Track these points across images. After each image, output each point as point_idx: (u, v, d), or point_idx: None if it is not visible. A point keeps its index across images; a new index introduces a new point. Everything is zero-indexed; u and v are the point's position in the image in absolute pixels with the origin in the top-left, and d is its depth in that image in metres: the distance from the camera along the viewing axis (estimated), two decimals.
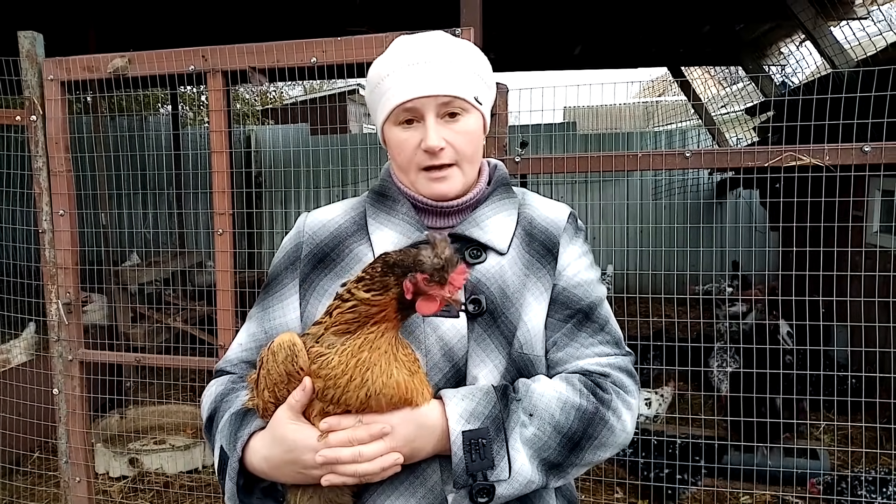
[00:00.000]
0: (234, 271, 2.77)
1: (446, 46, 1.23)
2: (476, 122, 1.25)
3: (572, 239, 1.31)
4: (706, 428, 4.24)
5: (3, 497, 3.81)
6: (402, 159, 1.24)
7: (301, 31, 2.79)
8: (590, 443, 1.14)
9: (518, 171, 2.45)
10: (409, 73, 1.19)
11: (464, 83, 1.21)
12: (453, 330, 1.17)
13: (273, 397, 1.09)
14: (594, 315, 1.26)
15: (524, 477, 1.09)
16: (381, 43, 2.43)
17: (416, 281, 1.01)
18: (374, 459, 1.03)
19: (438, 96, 1.19)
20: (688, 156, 2.35)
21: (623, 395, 1.19)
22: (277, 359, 1.06)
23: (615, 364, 1.22)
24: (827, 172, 2.29)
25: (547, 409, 1.12)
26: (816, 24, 4.66)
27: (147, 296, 6.02)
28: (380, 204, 1.32)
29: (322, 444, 1.03)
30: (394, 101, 1.20)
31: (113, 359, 3.08)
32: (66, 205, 2.85)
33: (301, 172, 8.10)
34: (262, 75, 2.63)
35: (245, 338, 1.33)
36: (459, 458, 1.06)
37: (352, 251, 1.28)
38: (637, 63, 7.81)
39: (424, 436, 1.07)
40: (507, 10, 5.17)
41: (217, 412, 1.23)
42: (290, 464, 1.07)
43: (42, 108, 2.81)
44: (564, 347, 1.23)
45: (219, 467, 1.16)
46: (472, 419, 1.08)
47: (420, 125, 1.21)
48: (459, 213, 1.29)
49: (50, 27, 3.39)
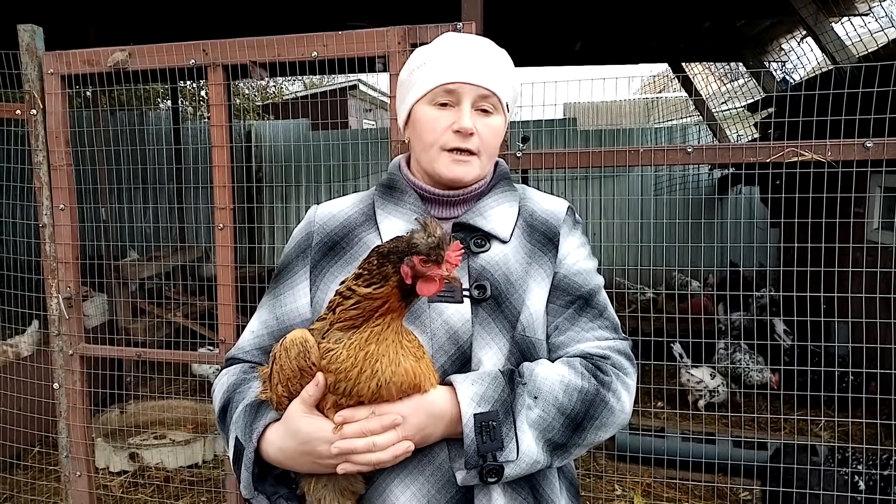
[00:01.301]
0: (235, 266, 2.76)
1: (493, 48, 1.32)
2: (503, 124, 1.32)
3: (571, 230, 1.37)
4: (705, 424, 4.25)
5: (4, 491, 3.81)
6: (429, 137, 1.28)
7: (301, 25, 2.78)
8: (591, 423, 1.18)
9: (519, 166, 2.44)
10: (457, 58, 1.26)
11: (503, 85, 1.29)
12: (458, 314, 1.22)
13: (286, 391, 1.11)
14: (593, 301, 1.31)
15: (531, 457, 1.13)
16: (383, 37, 2.42)
17: (412, 264, 1.03)
18: (387, 448, 1.06)
19: (480, 87, 1.25)
20: (689, 151, 2.35)
21: (622, 376, 1.23)
22: (290, 355, 1.08)
23: (614, 347, 1.27)
24: (828, 168, 2.29)
25: (551, 391, 1.16)
26: (818, 20, 4.65)
27: (147, 291, 6.02)
28: (387, 195, 1.37)
29: (337, 435, 1.07)
30: (438, 79, 1.26)
31: (113, 353, 3.08)
32: (67, 199, 2.85)
33: (301, 167, 8.09)
34: (262, 69, 2.63)
35: (257, 325, 1.36)
36: (471, 440, 1.10)
37: (361, 239, 1.32)
38: (638, 59, 7.78)
39: (434, 423, 1.11)
40: (508, 5, 5.16)
41: (231, 403, 1.26)
42: (306, 455, 1.11)
43: (42, 102, 2.80)
44: (566, 331, 1.28)
45: (234, 457, 1.19)
46: (482, 402, 1.12)
47: (454, 110, 1.27)
48: (464, 203, 1.35)
49: (50, 21, 3.38)
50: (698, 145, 2.36)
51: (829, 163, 2.26)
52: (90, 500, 3.08)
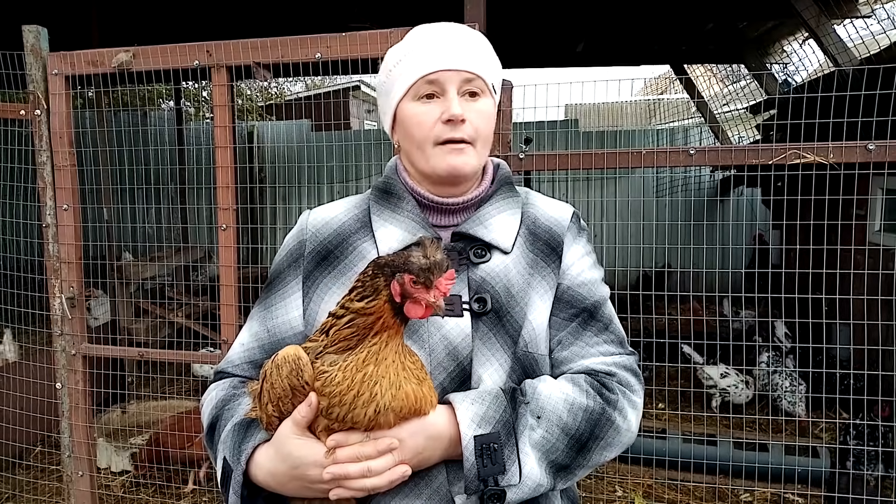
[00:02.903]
0: (238, 266, 2.77)
1: (470, 33, 1.26)
2: (492, 107, 1.26)
3: (576, 238, 1.30)
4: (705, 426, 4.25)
5: (6, 491, 3.82)
6: (419, 134, 1.22)
7: (303, 27, 2.80)
8: (597, 443, 1.13)
9: (522, 168, 2.45)
10: (433, 48, 1.21)
11: (487, 66, 1.24)
12: (458, 329, 1.16)
13: (277, 411, 1.06)
14: (598, 314, 1.25)
15: (533, 481, 1.07)
16: (386, 39, 2.43)
17: (402, 282, 0.99)
18: (382, 474, 1.01)
19: (462, 71, 1.20)
20: (692, 153, 2.35)
21: (629, 394, 1.18)
22: (282, 373, 1.03)
23: (620, 363, 1.21)
24: (830, 171, 2.30)
25: (554, 410, 1.11)
26: (820, 22, 4.65)
27: (149, 291, 6.03)
28: (384, 201, 1.30)
29: (329, 460, 1.01)
30: (417, 73, 1.20)
31: (116, 353, 3.08)
32: (70, 199, 2.85)
33: (303, 168, 8.10)
34: (266, 70, 2.63)
35: (247, 337, 1.30)
36: (472, 464, 1.05)
37: (355, 248, 1.26)
38: (640, 61, 7.79)
39: (433, 445, 1.06)
40: (510, 6, 5.17)
41: (219, 420, 1.20)
42: (297, 479, 1.05)
43: (46, 103, 2.81)
44: (569, 346, 1.22)
45: (222, 479, 1.14)
46: (483, 423, 1.07)
47: (440, 100, 1.21)
48: (464, 211, 1.29)
49: (54, 21, 3.39)
50: (700, 147, 2.36)
51: (831, 165, 2.26)
52: (92, 499, 3.09)
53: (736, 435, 4.10)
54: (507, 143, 2.44)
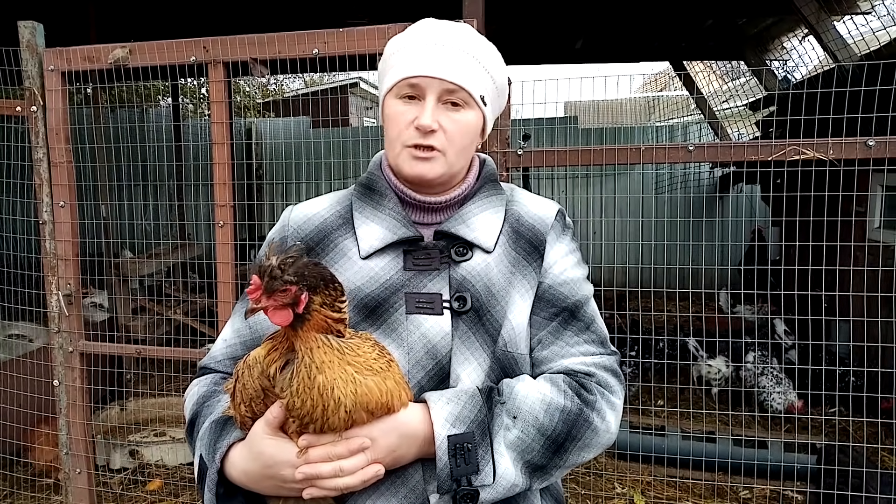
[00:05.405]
0: (236, 263, 2.76)
1: (468, 38, 1.21)
2: (476, 119, 1.23)
3: (559, 237, 1.29)
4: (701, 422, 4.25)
5: (4, 488, 3.81)
6: (393, 132, 1.21)
7: (300, 23, 2.77)
8: (574, 444, 1.13)
9: (520, 164, 2.44)
10: (422, 50, 1.19)
11: (474, 78, 1.20)
12: (437, 327, 1.16)
13: (250, 411, 1.05)
14: (580, 314, 1.24)
15: (508, 481, 1.07)
16: (384, 34, 2.42)
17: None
18: (355, 473, 1.01)
19: (444, 81, 1.17)
20: (691, 149, 2.34)
21: (607, 395, 1.18)
22: (253, 374, 1.02)
23: (600, 364, 1.20)
24: (830, 167, 2.29)
25: (531, 411, 1.11)
26: (819, 19, 4.64)
27: (147, 288, 6.02)
28: (366, 198, 1.30)
29: (301, 460, 1.01)
30: (401, 73, 1.19)
31: (114, 350, 3.07)
32: (67, 196, 2.84)
33: (302, 165, 8.09)
34: (263, 66, 2.62)
35: (230, 333, 1.31)
36: (444, 464, 1.05)
37: (337, 245, 1.26)
38: (639, 57, 7.77)
39: (407, 444, 1.06)
40: (509, 2, 5.15)
41: (198, 417, 1.20)
42: (270, 478, 1.05)
43: (42, 99, 2.80)
44: (549, 346, 1.22)
45: (198, 476, 1.14)
46: (457, 423, 1.06)
47: (419, 103, 1.19)
48: (447, 209, 1.28)
49: (50, 17, 3.38)
50: (699, 143, 2.35)
51: (831, 161, 2.26)
52: (90, 497, 3.09)
53: (735, 432, 4.10)
54: (505, 140, 2.44)
